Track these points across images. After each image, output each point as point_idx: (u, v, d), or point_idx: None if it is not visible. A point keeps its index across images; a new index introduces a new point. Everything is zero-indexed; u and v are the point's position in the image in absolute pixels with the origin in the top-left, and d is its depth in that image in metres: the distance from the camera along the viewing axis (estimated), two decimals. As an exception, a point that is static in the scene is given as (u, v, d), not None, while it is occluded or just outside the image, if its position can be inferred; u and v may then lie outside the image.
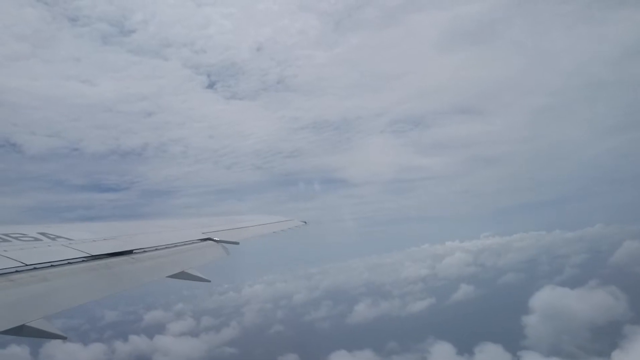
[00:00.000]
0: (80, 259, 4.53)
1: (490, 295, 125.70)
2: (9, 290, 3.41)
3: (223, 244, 7.01)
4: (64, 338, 3.47)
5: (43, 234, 5.03)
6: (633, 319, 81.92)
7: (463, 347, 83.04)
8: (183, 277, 5.37)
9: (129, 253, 5.18)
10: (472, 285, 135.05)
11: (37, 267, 3.96)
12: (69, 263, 4.33)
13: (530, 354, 77.77)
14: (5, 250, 4.10)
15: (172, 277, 5.24)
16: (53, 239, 4.94)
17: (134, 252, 5.28)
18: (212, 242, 6.98)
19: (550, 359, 75.30)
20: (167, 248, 5.99)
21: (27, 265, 3.88)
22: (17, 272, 3.72)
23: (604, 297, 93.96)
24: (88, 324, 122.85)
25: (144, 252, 5.45)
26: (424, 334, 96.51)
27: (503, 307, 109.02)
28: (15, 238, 4.62)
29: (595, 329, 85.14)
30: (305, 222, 11.35)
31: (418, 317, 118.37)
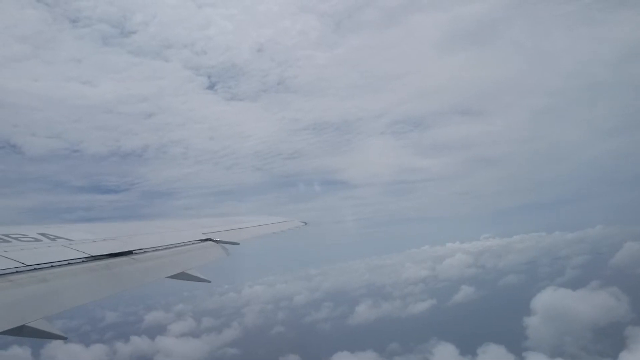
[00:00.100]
0: (81, 260, 4.53)
1: (492, 297, 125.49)
2: (9, 291, 3.42)
3: (223, 245, 7.01)
4: (64, 338, 3.48)
5: (43, 235, 5.03)
6: (635, 320, 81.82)
7: (465, 348, 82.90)
8: (183, 277, 5.37)
9: (129, 254, 5.18)
10: (473, 287, 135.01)
11: (37, 267, 3.96)
12: (69, 264, 4.34)
13: (536, 355, 77.52)
14: (6, 251, 4.11)
15: (172, 277, 5.25)
16: (53, 240, 4.94)
17: (134, 252, 5.28)
18: (212, 242, 6.98)
19: (555, 361, 75.11)
20: (167, 249, 5.99)
21: (27, 266, 3.88)
22: (17, 272, 3.73)
23: (606, 298, 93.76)
24: (89, 325, 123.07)
25: (144, 252, 5.45)
26: (426, 335, 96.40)
27: (504, 308, 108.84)
28: (16, 238, 4.62)
29: (598, 330, 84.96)
30: (305, 222, 11.35)
31: (419, 318, 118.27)
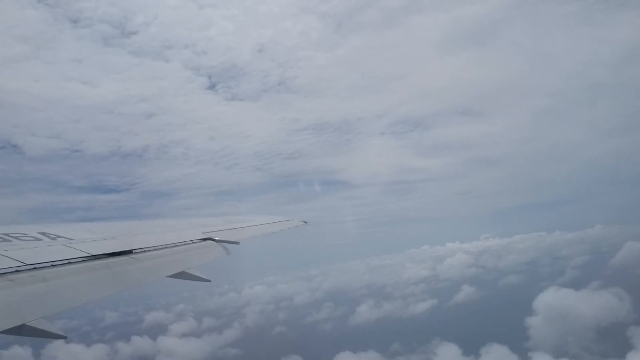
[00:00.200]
0: (81, 259, 4.53)
1: (493, 297, 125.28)
2: (9, 290, 3.42)
3: (223, 244, 7.01)
4: (64, 338, 3.48)
5: (43, 234, 5.03)
6: (637, 321, 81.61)
7: (468, 348, 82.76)
8: (183, 277, 5.38)
9: (129, 253, 5.18)
10: (473, 287, 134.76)
11: (37, 266, 3.96)
12: (69, 263, 4.34)
13: (540, 356, 77.34)
14: (6, 250, 4.11)
15: (172, 277, 5.25)
16: (53, 239, 4.95)
17: (134, 252, 5.28)
18: (212, 242, 6.99)
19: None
20: (167, 248, 5.99)
21: (27, 265, 3.89)
22: (17, 271, 3.73)
23: (608, 298, 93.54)
24: (89, 325, 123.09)
25: (144, 252, 5.45)
26: (428, 335, 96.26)
27: (506, 308, 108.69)
28: (16, 238, 4.63)
29: (600, 331, 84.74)
30: (306, 222, 11.35)
31: (421, 318, 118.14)
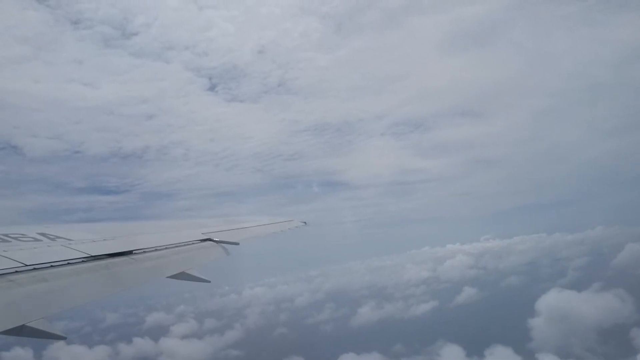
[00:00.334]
0: (80, 260, 4.54)
1: (494, 298, 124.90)
2: (9, 291, 3.43)
3: (223, 245, 7.02)
4: (64, 338, 3.48)
5: (43, 235, 5.05)
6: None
7: (471, 349, 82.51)
8: (183, 277, 5.38)
9: (129, 253, 5.19)
10: (475, 288, 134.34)
11: (37, 267, 3.98)
12: (69, 263, 4.35)
13: (546, 357, 77.16)
14: (5, 251, 4.12)
15: (172, 277, 5.25)
16: (53, 240, 4.96)
17: (134, 252, 5.29)
18: (212, 242, 6.99)
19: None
20: (166, 248, 5.99)
21: (27, 266, 3.90)
22: (17, 272, 3.74)
23: (610, 299, 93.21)
24: (89, 326, 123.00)
25: (144, 252, 5.46)
26: (430, 337, 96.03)
27: (507, 309, 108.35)
28: (15, 238, 4.64)
29: (603, 332, 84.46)
30: (306, 222, 11.35)
31: (423, 319, 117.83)
